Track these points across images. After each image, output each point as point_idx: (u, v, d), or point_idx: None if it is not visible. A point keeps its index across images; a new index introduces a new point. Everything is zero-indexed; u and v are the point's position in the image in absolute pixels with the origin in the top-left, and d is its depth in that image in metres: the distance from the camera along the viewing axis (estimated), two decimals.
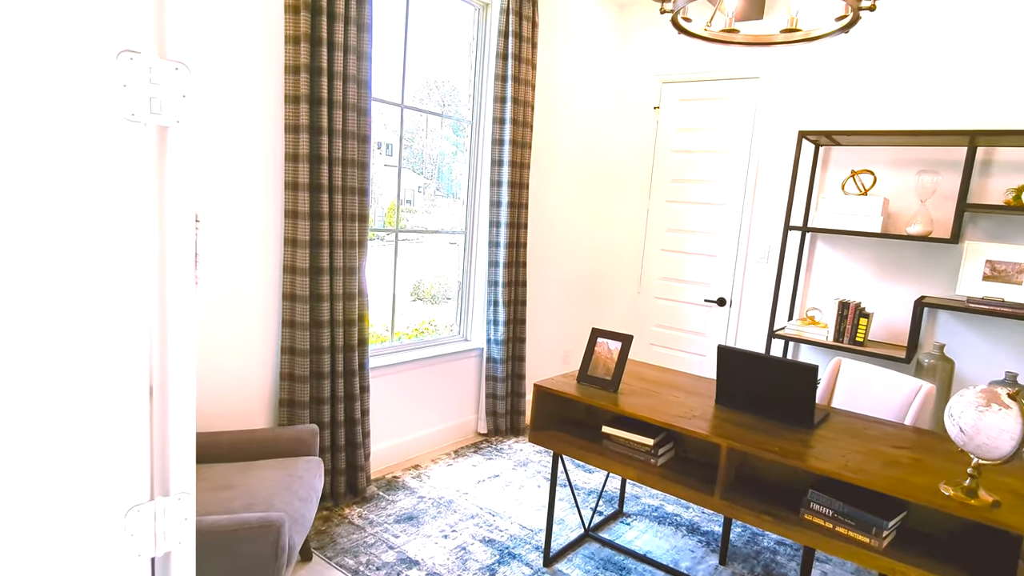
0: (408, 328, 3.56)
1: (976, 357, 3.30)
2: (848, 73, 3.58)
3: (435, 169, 3.55)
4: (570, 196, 4.32)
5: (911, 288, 3.47)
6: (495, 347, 3.65)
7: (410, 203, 3.47)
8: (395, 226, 3.30)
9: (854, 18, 2.01)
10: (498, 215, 3.54)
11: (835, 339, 3.42)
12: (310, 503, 2.19)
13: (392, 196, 3.28)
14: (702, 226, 4.18)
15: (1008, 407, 1.70)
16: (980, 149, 3.23)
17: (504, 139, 3.46)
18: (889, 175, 3.49)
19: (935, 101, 3.33)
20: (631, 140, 4.45)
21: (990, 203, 3.22)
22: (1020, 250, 2.99)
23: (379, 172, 3.25)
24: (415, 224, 3.47)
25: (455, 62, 3.51)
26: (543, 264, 4.18)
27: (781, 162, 3.83)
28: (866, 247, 3.58)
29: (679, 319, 4.33)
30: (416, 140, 3.41)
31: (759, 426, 2.16)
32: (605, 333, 2.49)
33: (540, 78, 3.83)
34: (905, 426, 2.31)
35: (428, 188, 3.54)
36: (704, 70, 4.08)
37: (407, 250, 3.44)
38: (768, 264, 3.92)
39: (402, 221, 3.37)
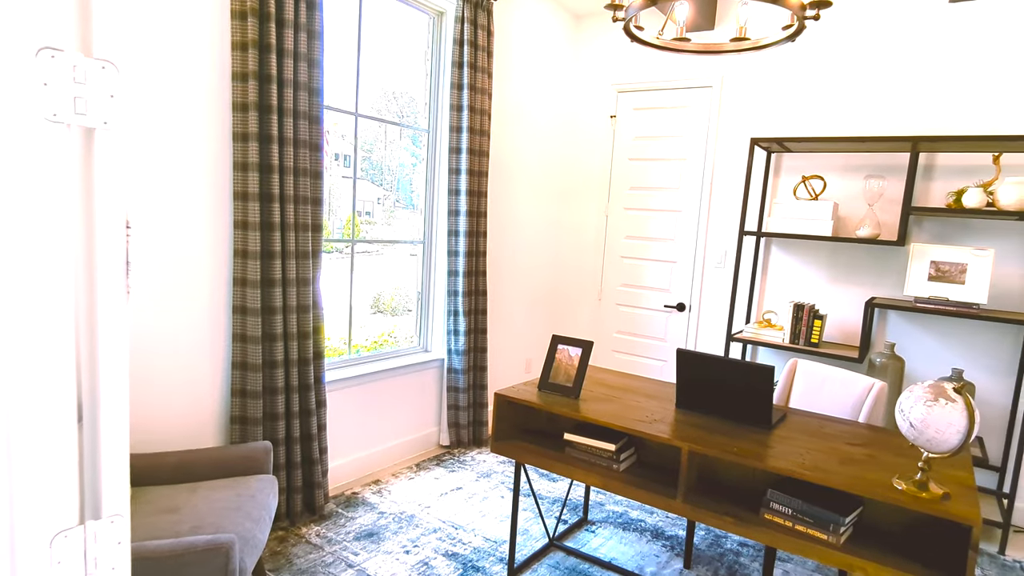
0: (367, 340, 3.49)
1: (925, 355, 3.41)
2: (797, 82, 3.68)
3: (395, 180, 3.50)
4: (529, 204, 4.32)
5: (862, 289, 3.57)
6: (456, 357, 3.61)
7: (369, 214, 3.42)
8: (352, 238, 3.24)
9: (799, 27, 2.06)
10: (457, 224, 3.51)
11: (791, 341, 3.49)
12: (263, 523, 2.11)
13: (350, 208, 3.23)
14: (661, 233, 4.23)
15: (954, 401, 1.75)
16: (922, 154, 3.35)
17: (461, 147, 3.44)
18: (838, 180, 3.60)
19: (880, 108, 3.45)
20: (588, 149, 4.49)
21: (933, 206, 3.34)
22: (962, 251, 3.11)
23: (337, 183, 3.20)
24: (375, 236, 3.41)
25: (411, 71, 3.48)
26: (503, 273, 4.16)
27: (735, 169, 3.91)
28: (818, 250, 3.67)
29: (640, 325, 4.36)
30: (375, 151, 3.37)
31: (719, 428, 2.18)
32: (565, 340, 2.48)
33: (497, 87, 3.83)
34: (859, 423, 2.36)
35: (387, 199, 3.49)
36: (658, 79, 4.14)
37: (367, 262, 3.38)
38: (725, 269, 3.99)
39: (361, 233, 3.31)
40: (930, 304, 3.12)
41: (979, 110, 3.21)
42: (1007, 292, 3.21)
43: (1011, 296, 3.20)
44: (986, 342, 3.26)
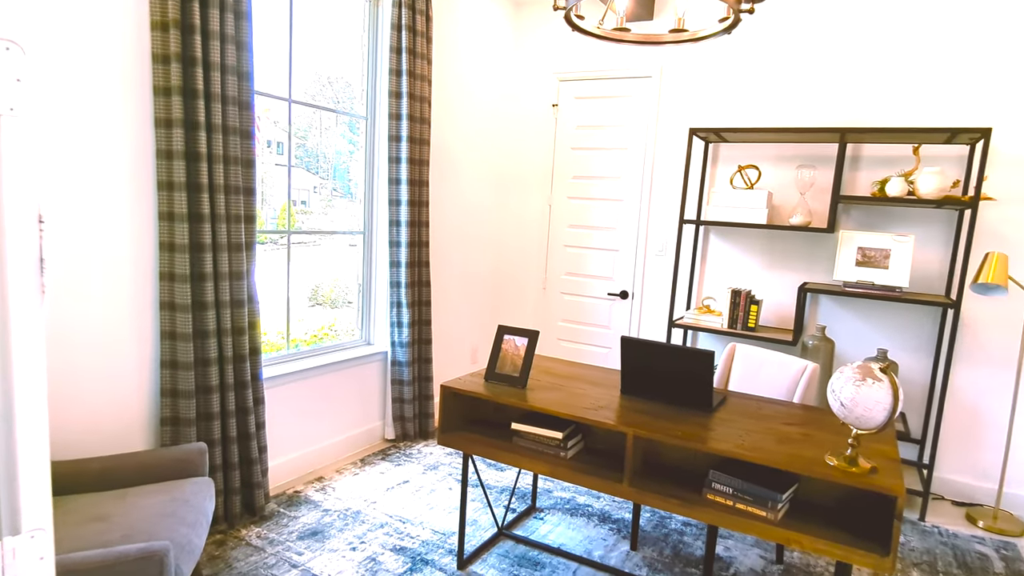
0: (307, 334, 3.38)
1: (853, 336, 3.58)
2: (734, 73, 3.77)
3: (331, 169, 3.39)
4: (473, 193, 4.28)
5: (795, 275, 3.71)
6: (400, 350, 3.55)
7: (305, 204, 3.29)
8: (288, 228, 3.12)
9: (735, 20, 2.10)
10: (398, 214, 3.44)
11: (729, 326, 3.59)
12: (199, 528, 2.01)
13: (285, 197, 3.10)
14: (603, 221, 4.27)
15: (880, 380, 1.83)
16: (849, 145, 3.50)
17: (401, 135, 3.36)
18: (772, 170, 3.72)
19: (810, 100, 3.58)
20: (531, 137, 4.48)
21: (860, 195, 3.49)
22: (885, 237, 3.27)
23: (270, 171, 3.07)
24: (311, 226, 3.30)
25: (347, 56, 3.37)
26: (447, 263, 4.11)
27: (675, 158, 3.98)
28: (754, 238, 3.79)
29: (584, 313, 4.40)
30: (310, 138, 3.25)
31: (662, 412, 2.22)
32: (511, 330, 2.47)
33: (437, 74, 3.77)
34: (794, 404, 2.45)
35: (324, 188, 3.37)
36: (599, 68, 4.17)
37: (304, 254, 3.26)
38: (666, 257, 4.07)
39: (297, 223, 3.19)
40: (857, 288, 3.27)
41: (901, 103, 3.37)
42: (926, 275, 3.40)
43: (930, 279, 3.39)
44: (908, 323, 3.45)
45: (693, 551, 2.73)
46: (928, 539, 2.98)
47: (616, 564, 2.60)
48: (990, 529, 3.11)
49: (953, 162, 3.30)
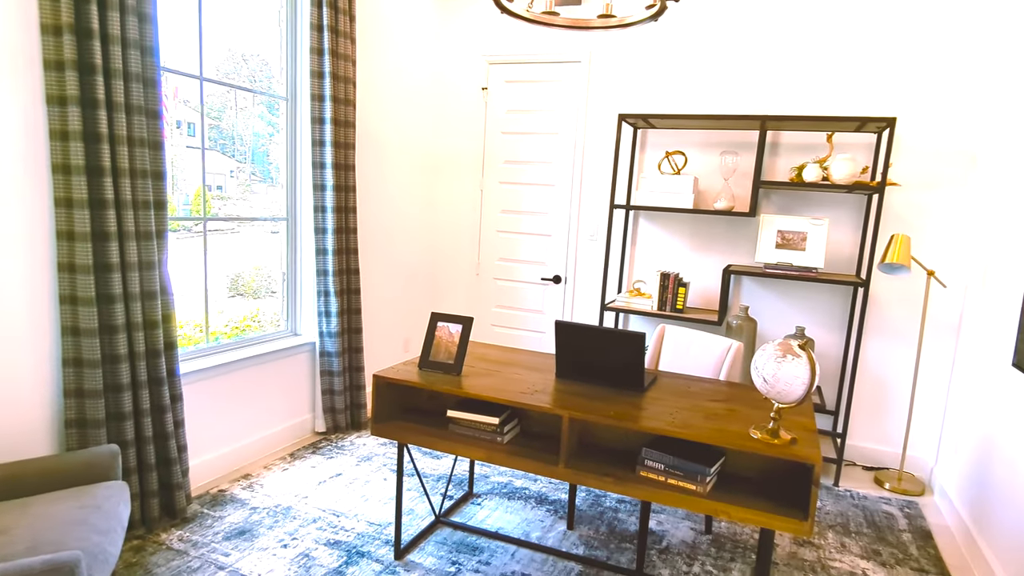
0: (227, 326, 3.22)
1: (774, 315, 3.75)
2: (661, 61, 3.84)
3: (249, 152, 3.22)
4: (402, 178, 4.18)
5: (720, 257, 3.84)
6: (329, 340, 3.44)
7: (221, 189, 3.11)
8: (203, 215, 2.94)
9: (661, 7, 2.12)
10: (323, 199, 3.31)
11: (659, 308, 3.68)
12: (113, 535, 1.88)
13: (198, 181, 2.92)
14: (536, 206, 4.27)
15: (799, 356, 1.92)
16: (769, 132, 3.63)
17: (325, 117, 3.23)
18: (698, 155, 3.82)
19: (734, 89, 3.69)
20: (462, 121, 4.41)
21: (779, 180, 3.64)
22: (802, 220, 3.42)
23: (181, 154, 2.87)
24: (229, 212, 3.12)
25: (263, 33, 3.19)
26: (377, 250, 4.01)
27: (605, 143, 4.03)
28: (682, 222, 3.89)
29: (518, 298, 4.40)
30: (225, 119, 3.06)
31: (596, 394, 2.24)
32: (445, 317, 2.43)
33: (362, 54, 3.64)
34: (720, 381, 2.53)
35: (242, 173, 3.20)
36: (529, 52, 4.14)
37: (222, 242, 3.09)
38: (598, 241, 4.12)
39: (213, 209, 3.01)
40: (777, 269, 3.41)
41: (817, 94, 3.52)
42: (840, 256, 3.59)
43: (843, 260, 3.59)
44: (823, 301, 3.64)
45: (628, 527, 2.80)
46: (841, 502, 3.18)
47: (553, 544, 2.63)
48: (895, 490, 3.34)
49: (863, 149, 3.49)
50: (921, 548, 2.79)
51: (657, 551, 2.63)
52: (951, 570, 2.64)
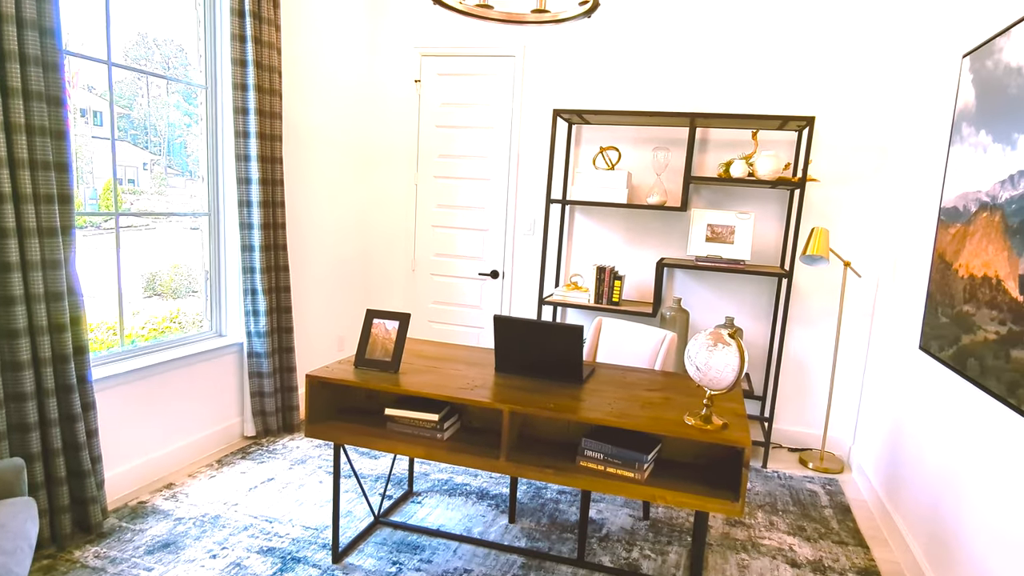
0: (144, 328, 3.02)
1: (705, 306, 3.87)
2: (594, 57, 3.88)
3: (164, 143, 3.03)
4: (334, 172, 4.06)
5: (654, 250, 3.93)
6: (257, 340, 3.29)
7: (133, 183, 2.91)
8: (114, 209, 2.75)
9: (594, 4, 2.13)
10: (249, 193, 3.17)
11: (596, 301, 3.73)
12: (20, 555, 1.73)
13: (107, 174, 2.73)
14: (471, 201, 4.24)
15: (729, 344, 1.98)
16: (699, 129, 3.74)
17: (248, 108, 3.09)
18: (632, 151, 3.89)
19: (664, 87, 3.77)
20: (395, 114, 4.32)
21: (708, 175, 3.75)
22: (730, 215, 3.55)
23: (86, 145, 2.67)
24: (142, 207, 2.93)
25: (180, 18, 3.01)
26: (308, 246, 3.88)
27: (540, 138, 4.04)
28: (616, 216, 3.96)
29: (455, 294, 4.36)
30: (136, 108, 2.87)
31: (536, 388, 2.24)
32: (381, 313, 2.36)
33: (288, 43, 3.50)
34: (656, 371, 2.59)
35: (157, 165, 3.01)
36: (462, 45, 4.10)
37: (136, 239, 2.90)
38: (535, 236, 4.13)
39: (125, 204, 2.82)
40: (707, 262, 3.52)
41: (742, 93, 3.65)
42: (765, 249, 3.75)
43: (768, 252, 3.74)
44: (750, 292, 3.79)
45: (568, 517, 2.82)
46: (769, 483, 3.32)
47: (495, 538, 2.62)
48: (818, 469, 3.52)
49: (785, 146, 3.65)
50: (841, 522, 2.95)
51: (598, 539, 2.66)
52: (868, 541, 2.81)
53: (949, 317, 2.40)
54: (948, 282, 2.45)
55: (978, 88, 2.35)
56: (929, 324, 2.60)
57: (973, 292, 2.21)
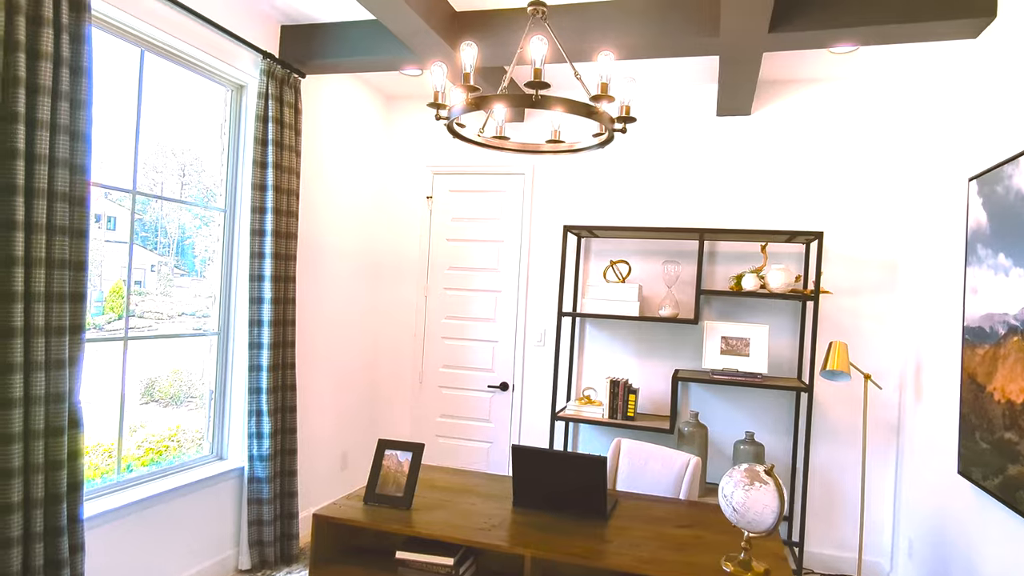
0: (140, 447, 2.87)
1: (723, 420, 3.74)
2: (603, 175, 3.99)
3: (173, 244, 3.03)
4: (344, 286, 4.06)
5: (667, 362, 3.85)
6: (259, 464, 3.14)
7: (140, 283, 2.86)
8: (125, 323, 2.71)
9: (609, 136, 2.20)
10: (260, 313, 3.14)
11: (610, 416, 3.61)
12: None
13: (115, 276, 2.71)
14: (481, 313, 4.21)
15: (767, 483, 1.86)
16: (707, 243, 3.78)
17: (266, 230, 3.12)
18: (641, 263, 3.91)
19: (673, 203, 3.84)
20: (406, 229, 4.39)
21: (719, 288, 3.75)
22: (744, 327, 3.50)
23: (98, 248, 2.66)
24: (147, 308, 2.87)
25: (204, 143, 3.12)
26: (315, 361, 3.80)
27: (550, 251, 4.07)
28: (628, 328, 3.91)
29: (464, 407, 4.24)
30: (149, 212, 2.89)
31: (558, 526, 2.09)
32: (394, 444, 2.25)
33: (306, 165, 3.60)
34: (681, 501, 2.44)
35: (164, 266, 2.99)
36: (472, 163, 4.23)
37: (138, 344, 2.83)
38: (545, 347, 4.06)
39: (132, 306, 2.77)
40: (724, 375, 3.44)
41: (750, 208, 3.72)
42: (781, 360, 3.67)
43: (784, 363, 3.66)
44: (769, 405, 3.67)
45: None
46: None
47: None
48: None
49: (794, 258, 3.67)
50: None
51: None
52: None
53: (990, 443, 2.29)
54: (983, 405, 2.35)
55: (990, 211, 2.37)
56: (967, 448, 2.48)
57: (1014, 419, 2.11)
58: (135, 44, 2.64)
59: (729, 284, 3.64)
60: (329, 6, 3.09)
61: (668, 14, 2.79)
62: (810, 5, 2.63)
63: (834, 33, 2.64)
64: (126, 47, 2.62)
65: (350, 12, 3.15)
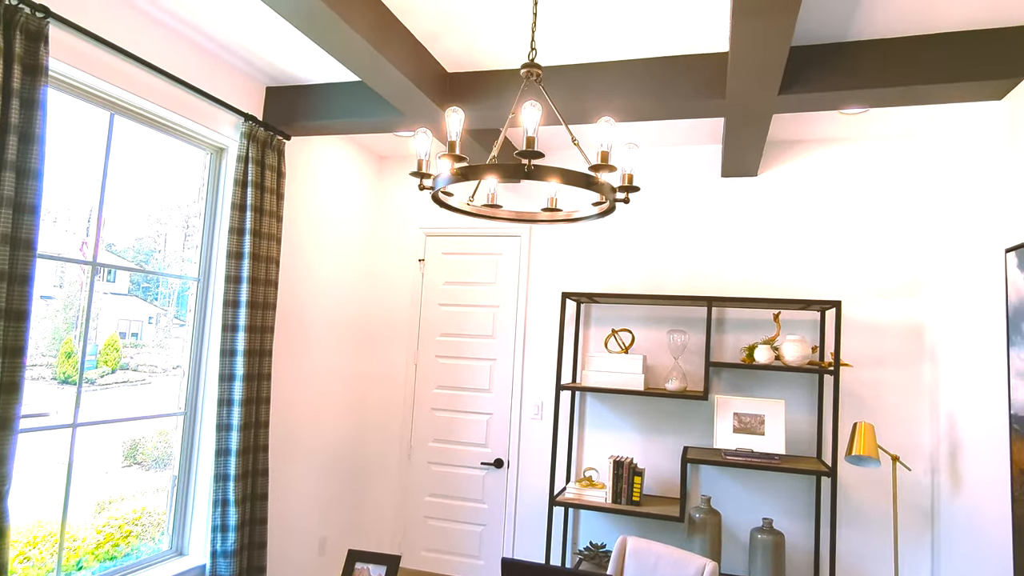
0: (103, 530, 2.58)
1: (738, 505, 3.42)
2: (603, 240, 3.79)
3: (172, 295, 2.91)
4: (328, 357, 3.81)
5: (675, 438, 3.55)
6: (223, 562, 2.81)
7: (136, 336, 2.74)
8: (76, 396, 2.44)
9: (610, 207, 2.00)
10: (231, 391, 2.87)
11: (613, 500, 3.30)
12: None
13: (111, 329, 2.60)
14: (475, 383, 3.95)
15: None
16: (716, 310, 3.54)
17: (240, 300, 2.89)
18: (645, 331, 3.66)
19: (678, 268, 3.63)
20: (396, 294, 4.17)
21: (728, 358, 3.49)
22: (758, 402, 3.23)
23: (96, 301, 2.52)
24: (142, 361, 2.75)
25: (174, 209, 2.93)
26: (294, 439, 3.52)
27: (548, 317, 3.84)
28: (632, 402, 3.64)
29: (455, 486, 3.92)
30: (152, 263, 2.81)
31: None
32: (365, 556, 1.96)
33: (289, 228, 3.41)
34: None
35: (164, 316, 2.86)
36: (467, 225, 4.05)
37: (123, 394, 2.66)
38: (543, 420, 3.78)
39: (126, 359, 2.65)
40: (739, 456, 3.14)
41: (760, 273, 3.50)
42: (798, 437, 3.38)
43: (802, 441, 3.37)
44: (787, 488, 3.36)
45: None
46: None
47: None
48: None
49: (809, 326, 3.42)
50: None
51: None
52: None
53: None
54: None
55: None
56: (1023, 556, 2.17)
57: None
58: (103, 108, 2.47)
59: (741, 356, 3.38)
60: (316, 68, 2.96)
61: (672, 75, 2.64)
62: (820, 66, 2.48)
63: (846, 95, 2.48)
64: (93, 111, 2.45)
65: (338, 74, 3.01)
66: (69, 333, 2.45)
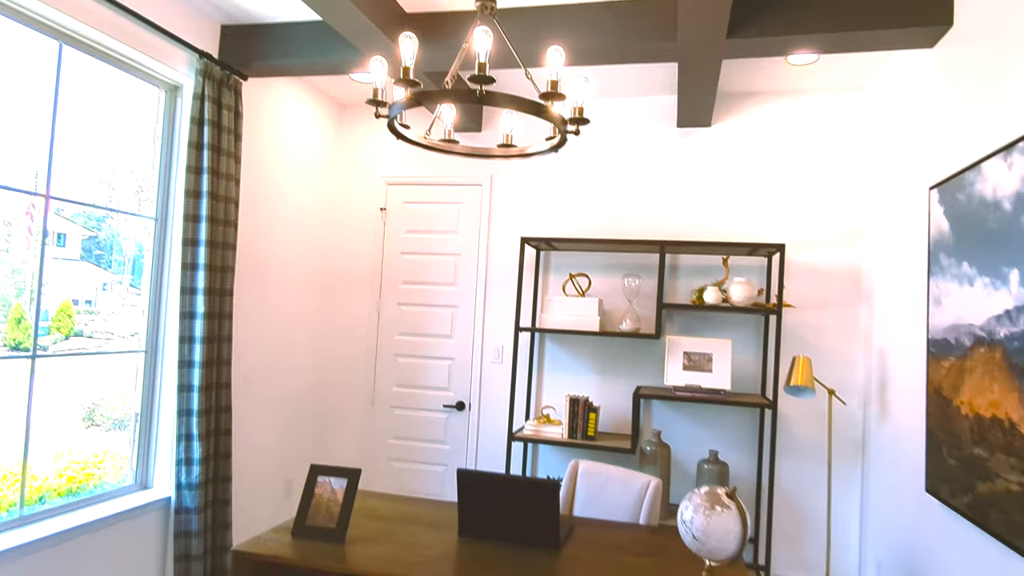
0: (64, 476, 2.62)
1: (686, 439, 3.61)
2: (561, 186, 3.88)
3: (128, 263, 2.89)
4: (290, 301, 3.84)
5: (628, 379, 3.72)
6: (188, 494, 2.88)
7: (90, 303, 2.73)
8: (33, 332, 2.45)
9: (561, 139, 2.08)
10: (192, 328, 2.91)
11: (569, 435, 3.45)
12: None
13: (64, 295, 2.58)
14: (437, 329, 4.03)
15: (728, 507, 1.72)
16: (669, 256, 3.68)
17: (200, 239, 2.91)
18: (601, 277, 3.79)
19: (633, 215, 3.75)
20: (358, 242, 4.20)
21: (680, 302, 3.65)
22: (706, 342, 3.40)
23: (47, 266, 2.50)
24: (97, 328, 2.73)
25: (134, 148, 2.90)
26: (257, 380, 3.57)
27: (508, 265, 3.93)
28: (589, 344, 3.78)
29: (418, 428, 4.03)
30: (104, 229, 2.77)
31: (505, 558, 1.91)
32: (326, 469, 2.06)
33: (248, 172, 3.40)
34: (641, 527, 2.28)
35: (119, 284, 2.85)
36: (428, 174, 4.08)
37: (84, 363, 2.67)
38: (503, 365, 3.90)
39: (79, 326, 2.65)
40: (687, 392, 3.32)
41: (711, 219, 3.64)
42: (744, 375, 3.57)
43: (748, 379, 3.57)
44: (733, 422, 3.56)
45: None
46: None
47: None
48: None
49: (756, 271, 3.59)
50: None
51: None
52: None
53: (958, 459, 2.19)
54: (950, 419, 2.27)
55: (952, 220, 2.31)
56: (934, 465, 2.39)
57: (983, 434, 2.02)
58: (52, 37, 2.43)
59: (691, 298, 3.54)
60: (272, 5, 2.93)
61: (625, 18, 2.71)
62: (768, 12, 2.58)
63: (792, 40, 2.58)
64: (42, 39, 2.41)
65: (295, 12, 2.99)
66: (18, 299, 2.44)
